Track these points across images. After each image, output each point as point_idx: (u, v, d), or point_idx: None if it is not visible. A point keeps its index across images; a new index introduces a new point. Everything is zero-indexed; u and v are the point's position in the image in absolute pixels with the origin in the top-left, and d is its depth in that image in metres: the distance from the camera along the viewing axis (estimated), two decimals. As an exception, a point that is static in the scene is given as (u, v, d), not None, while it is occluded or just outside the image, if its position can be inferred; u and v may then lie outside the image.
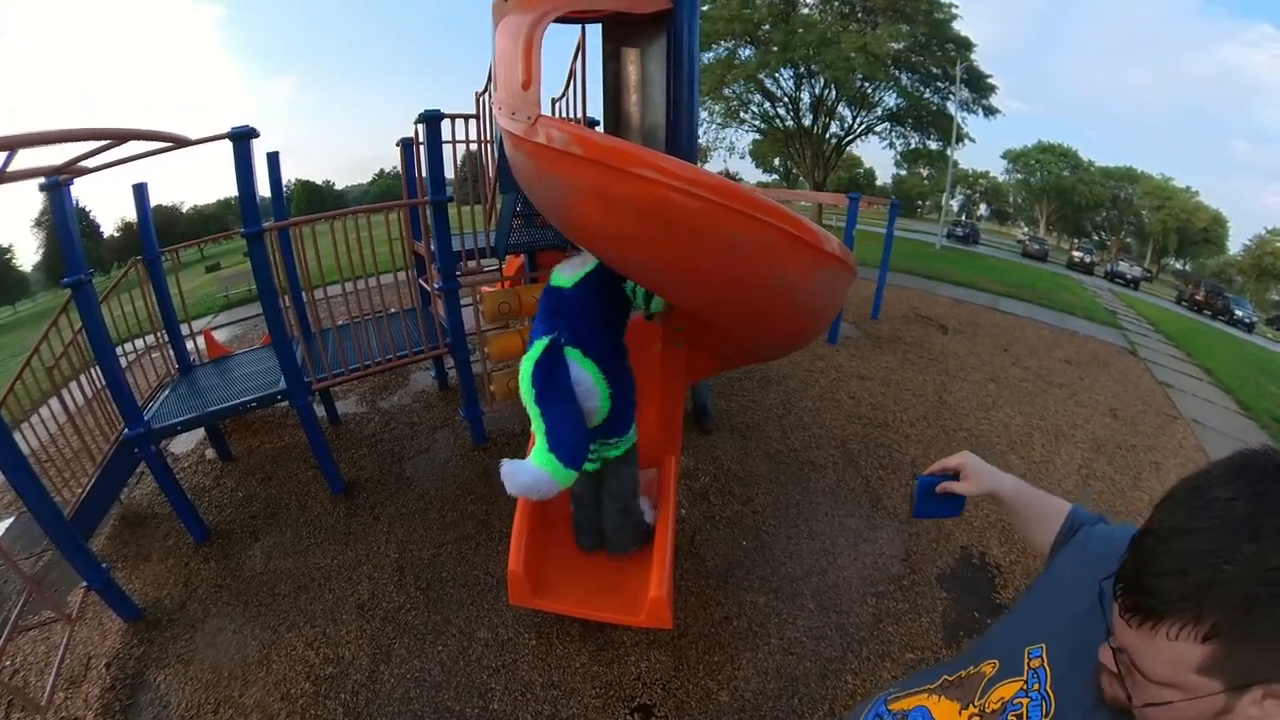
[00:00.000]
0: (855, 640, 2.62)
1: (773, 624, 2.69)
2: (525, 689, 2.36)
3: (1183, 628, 0.53)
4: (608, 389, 2.08)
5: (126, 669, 2.52)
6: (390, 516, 3.46)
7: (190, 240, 5.21)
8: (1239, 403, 7.09)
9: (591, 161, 1.44)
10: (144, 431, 2.97)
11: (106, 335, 2.90)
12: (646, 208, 1.44)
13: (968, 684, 0.82)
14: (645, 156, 1.41)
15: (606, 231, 1.61)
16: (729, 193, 1.41)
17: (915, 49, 19.54)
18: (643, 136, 2.73)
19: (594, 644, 2.56)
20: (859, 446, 4.34)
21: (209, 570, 3.09)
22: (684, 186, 1.37)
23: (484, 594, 2.84)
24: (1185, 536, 0.54)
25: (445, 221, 3.60)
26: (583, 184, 1.52)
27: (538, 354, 1.94)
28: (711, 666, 2.47)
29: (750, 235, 1.47)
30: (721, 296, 1.75)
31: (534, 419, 1.89)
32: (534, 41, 1.69)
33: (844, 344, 6.72)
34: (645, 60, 2.68)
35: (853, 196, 6.39)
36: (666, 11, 2.32)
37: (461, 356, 3.95)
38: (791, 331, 2.12)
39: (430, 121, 3.39)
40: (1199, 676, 0.54)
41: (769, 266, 1.57)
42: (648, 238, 1.53)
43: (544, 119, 1.56)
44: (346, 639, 2.61)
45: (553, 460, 1.79)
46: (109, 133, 2.30)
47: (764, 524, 3.39)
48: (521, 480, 1.74)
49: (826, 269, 1.72)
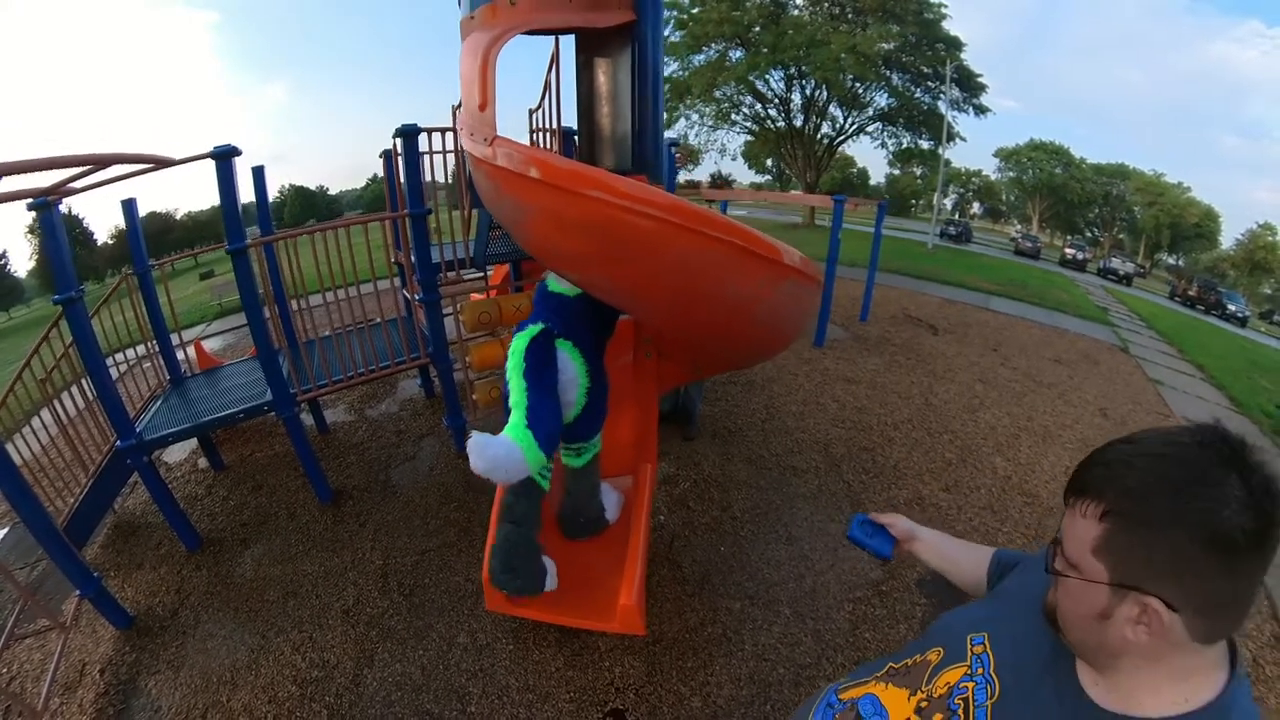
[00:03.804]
0: (830, 647, 2.62)
1: (747, 630, 2.70)
2: (502, 693, 2.41)
3: (1090, 504, 0.65)
4: (587, 383, 2.11)
5: (120, 675, 2.57)
6: (376, 524, 3.52)
7: (184, 251, 5.31)
8: (1231, 399, 7.09)
9: (544, 183, 1.46)
10: (136, 443, 3.02)
11: (98, 349, 2.95)
12: (597, 228, 1.45)
13: (914, 671, 0.86)
14: (594, 177, 1.43)
15: (562, 251, 1.63)
16: (678, 210, 1.42)
17: (905, 49, 19.61)
18: (614, 147, 2.74)
19: (570, 649, 2.60)
20: (842, 450, 4.35)
21: (200, 577, 3.14)
22: (631, 205, 1.39)
23: (464, 599, 2.88)
24: (1124, 445, 0.65)
25: (424, 234, 3.61)
26: (537, 205, 1.54)
27: (534, 334, 1.98)
28: (685, 672, 2.49)
29: (702, 251, 1.49)
30: (680, 312, 1.76)
31: (515, 393, 1.86)
32: (489, 62, 1.70)
33: (831, 347, 6.74)
34: (616, 71, 2.69)
35: (838, 198, 6.40)
36: (632, 23, 2.33)
37: (444, 366, 3.98)
38: (756, 344, 2.13)
39: (407, 136, 3.42)
40: (1093, 558, 0.64)
41: (723, 281, 1.59)
42: (601, 257, 1.55)
43: (500, 140, 1.57)
44: (332, 643, 2.67)
45: (529, 436, 1.73)
46: (92, 159, 2.36)
47: (742, 530, 3.40)
48: (491, 454, 1.61)
49: (785, 282, 1.74)
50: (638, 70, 2.35)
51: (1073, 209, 41.25)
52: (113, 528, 3.67)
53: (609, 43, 2.70)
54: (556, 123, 3.49)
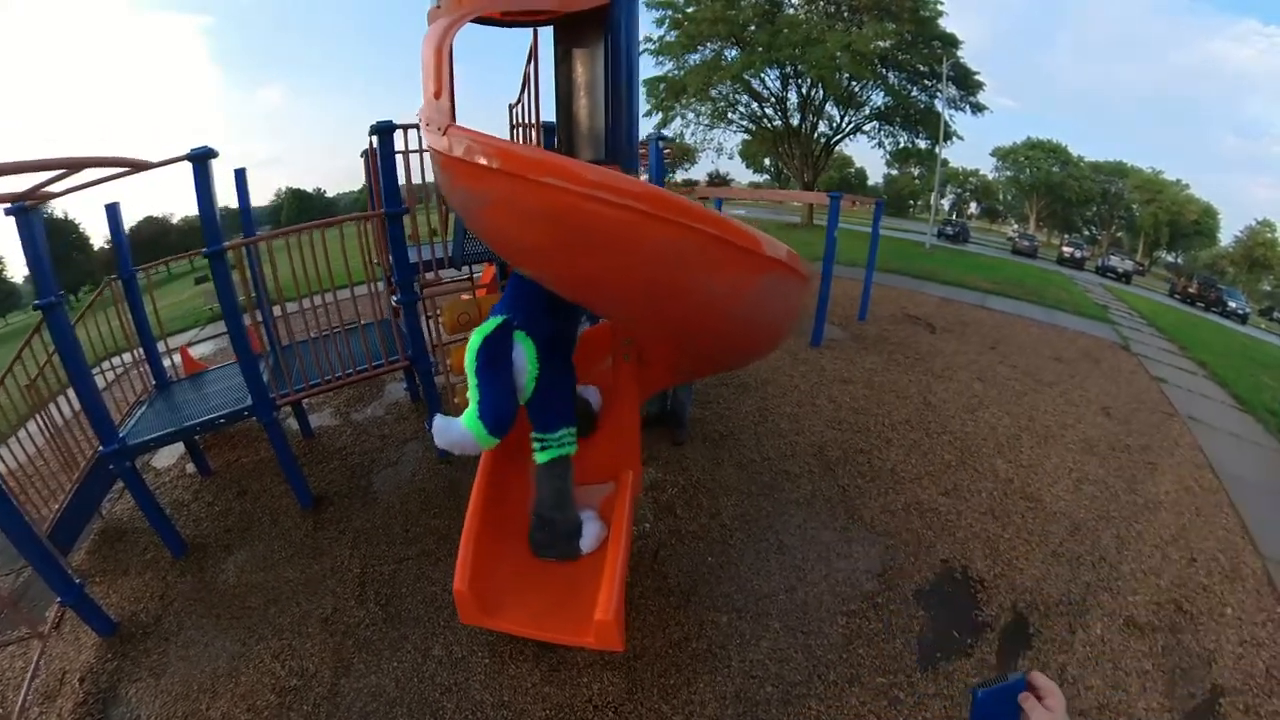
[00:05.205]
0: (822, 663, 2.50)
1: (734, 645, 2.59)
2: (476, 708, 2.34)
3: None
4: (535, 371, 2.20)
5: (100, 683, 2.54)
6: (355, 531, 3.48)
7: (173, 256, 5.33)
8: (1235, 397, 6.95)
9: (500, 172, 1.35)
10: (119, 448, 3.00)
11: (80, 355, 2.95)
12: (557, 217, 1.33)
13: None
14: (552, 163, 1.31)
15: (523, 245, 1.51)
16: (646, 197, 1.30)
17: (901, 47, 19.50)
18: (591, 139, 2.63)
19: (547, 664, 2.54)
20: (837, 453, 4.23)
21: (184, 584, 3.12)
22: (593, 193, 1.26)
23: (440, 610, 2.84)
24: None
25: (400, 234, 3.51)
26: (494, 195, 1.42)
27: (489, 330, 2.12)
28: (667, 690, 2.39)
29: (673, 242, 1.37)
30: (651, 309, 1.63)
31: (471, 386, 2.09)
32: (443, 49, 1.60)
33: (828, 346, 6.61)
34: (593, 62, 2.58)
35: (834, 195, 6.30)
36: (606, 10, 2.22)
37: (424, 369, 3.86)
38: (737, 344, 2.01)
39: (382, 133, 3.34)
40: None
41: (699, 274, 1.46)
42: (563, 249, 1.42)
43: (455, 129, 1.46)
44: (311, 652, 2.63)
45: (480, 425, 2.03)
46: (66, 162, 2.33)
47: (731, 538, 3.28)
48: (450, 436, 2.02)
49: (767, 275, 1.61)
50: (611, 58, 2.25)
51: (1070, 207, 41.13)
52: (100, 533, 3.64)
53: (585, 32, 2.60)
54: (535, 117, 3.38)
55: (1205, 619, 2.92)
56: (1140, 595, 3.04)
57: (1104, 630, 2.79)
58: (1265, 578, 3.29)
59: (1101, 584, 3.10)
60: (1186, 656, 2.68)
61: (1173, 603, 3.01)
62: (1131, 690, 2.48)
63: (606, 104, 2.23)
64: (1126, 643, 2.73)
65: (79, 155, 2.35)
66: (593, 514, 2.51)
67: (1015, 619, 2.83)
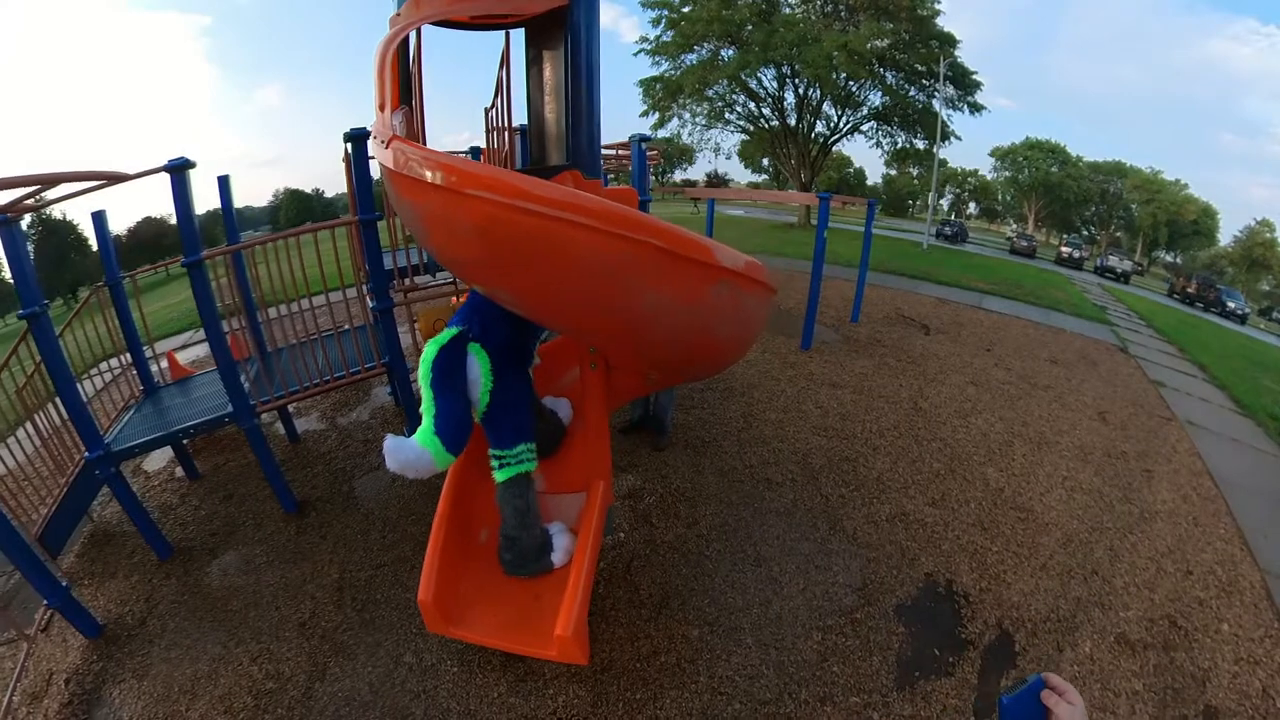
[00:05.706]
0: (794, 681, 2.41)
1: (704, 660, 2.51)
2: (443, 715, 2.35)
3: None
4: (490, 384, 2.13)
5: (85, 684, 2.58)
6: (335, 536, 3.49)
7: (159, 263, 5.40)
8: (1235, 400, 6.83)
9: (431, 185, 1.28)
10: (103, 454, 3.04)
11: (64, 362, 2.99)
12: (484, 230, 1.25)
13: None
14: (480, 174, 1.24)
15: (459, 258, 1.43)
16: (573, 206, 1.21)
17: (898, 46, 19.39)
18: (559, 143, 2.55)
19: (514, 674, 2.52)
20: (821, 461, 4.13)
21: (170, 587, 3.15)
22: (514, 202, 1.18)
23: (413, 617, 2.82)
24: None
25: (375, 240, 3.46)
26: (428, 208, 1.34)
27: (443, 342, 2.06)
28: (632, 705, 2.33)
29: (609, 253, 1.28)
30: (598, 321, 1.55)
31: (425, 401, 2.01)
32: (387, 59, 1.52)
33: (818, 349, 6.51)
34: (559, 65, 2.51)
35: (823, 196, 6.21)
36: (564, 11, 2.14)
37: (400, 374, 3.81)
38: (697, 354, 1.91)
39: (356, 140, 3.33)
40: None
41: (640, 286, 1.37)
42: (494, 263, 1.34)
43: (396, 140, 1.39)
44: (287, 655, 2.66)
45: (437, 442, 1.91)
46: (36, 179, 2.35)
47: (708, 549, 3.19)
48: (403, 458, 1.83)
49: (718, 285, 1.52)
50: (570, 59, 2.18)
51: (1069, 207, 41.01)
52: (89, 536, 3.66)
53: (551, 35, 2.53)
54: (506, 121, 3.32)
55: (1200, 635, 2.82)
56: (1133, 610, 2.94)
57: (1093, 648, 2.69)
58: (1264, 592, 3.18)
59: (1093, 599, 3.00)
60: (1179, 675, 2.58)
61: (1167, 618, 2.91)
62: (1120, 712, 2.38)
63: (565, 106, 2.14)
64: (1117, 661, 2.63)
65: (55, 171, 2.37)
66: (563, 526, 2.44)
67: (1000, 636, 2.73)
